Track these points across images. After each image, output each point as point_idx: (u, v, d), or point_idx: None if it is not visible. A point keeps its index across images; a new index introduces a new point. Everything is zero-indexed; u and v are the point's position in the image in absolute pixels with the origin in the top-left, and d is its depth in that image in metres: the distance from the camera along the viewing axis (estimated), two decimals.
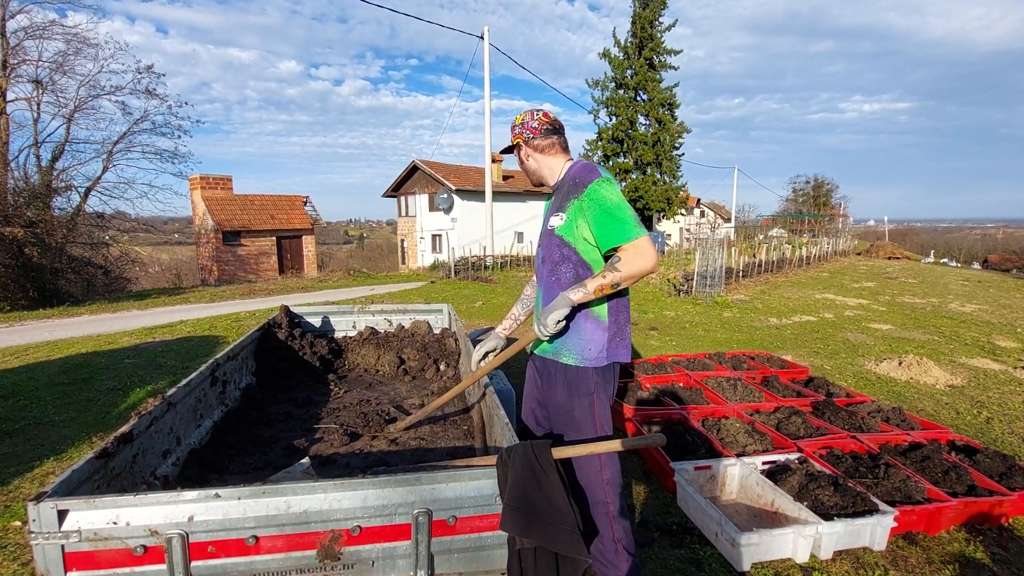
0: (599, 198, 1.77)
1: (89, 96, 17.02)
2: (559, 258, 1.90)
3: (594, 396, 1.91)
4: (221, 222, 22.01)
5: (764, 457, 3.07)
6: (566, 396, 1.93)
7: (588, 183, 1.80)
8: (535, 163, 2.01)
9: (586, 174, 1.84)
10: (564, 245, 1.88)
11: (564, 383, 1.93)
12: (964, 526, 2.72)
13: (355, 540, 1.52)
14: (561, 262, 1.89)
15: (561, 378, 1.93)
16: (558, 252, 1.90)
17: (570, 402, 1.92)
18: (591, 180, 1.81)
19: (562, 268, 1.89)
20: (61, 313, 10.37)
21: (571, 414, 1.94)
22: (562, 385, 1.93)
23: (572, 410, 1.93)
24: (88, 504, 1.37)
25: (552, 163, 2.00)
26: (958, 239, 47.15)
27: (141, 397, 4.67)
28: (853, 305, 10.82)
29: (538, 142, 1.97)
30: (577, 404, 1.91)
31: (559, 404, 1.96)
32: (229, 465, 2.39)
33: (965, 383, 5.31)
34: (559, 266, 1.90)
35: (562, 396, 1.94)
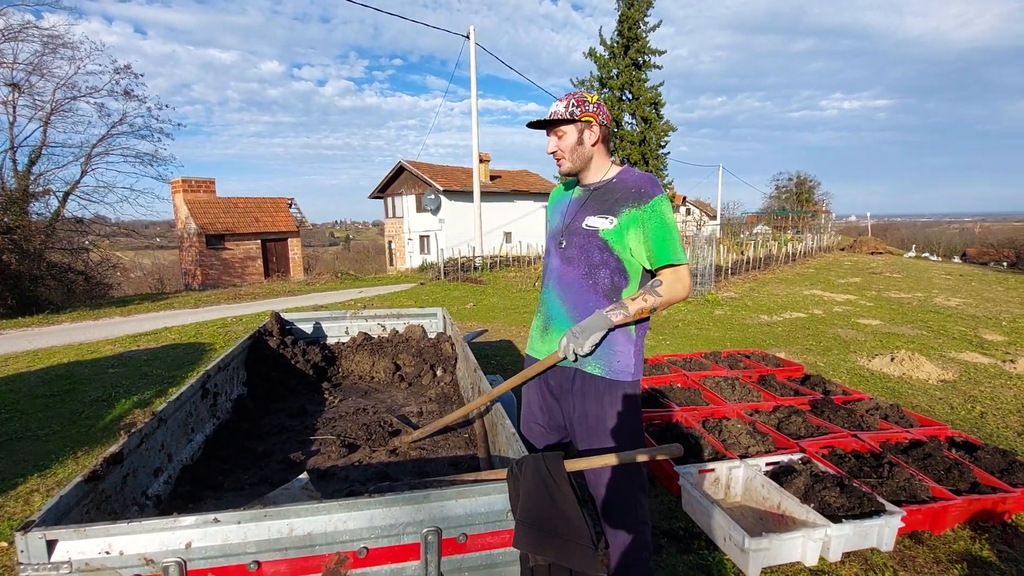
0: (661, 214, 1.74)
1: (66, 98, 16.60)
2: (599, 261, 1.81)
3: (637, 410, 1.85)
4: (204, 225, 21.63)
5: (767, 458, 3.05)
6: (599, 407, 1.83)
7: (653, 196, 1.76)
8: (595, 151, 1.86)
9: (652, 186, 1.79)
10: (607, 249, 1.79)
11: (595, 395, 1.83)
12: (968, 524, 2.73)
13: (362, 562, 1.45)
14: (601, 266, 1.81)
15: (593, 390, 1.83)
16: (598, 255, 1.81)
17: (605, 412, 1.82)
18: (656, 194, 1.76)
19: (601, 272, 1.81)
20: (41, 321, 10.09)
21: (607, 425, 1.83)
22: (594, 398, 1.83)
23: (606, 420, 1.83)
24: (79, 533, 1.29)
25: (603, 159, 1.89)
26: (937, 233, 48.06)
27: (127, 408, 4.53)
28: (841, 301, 10.94)
29: (604, 132, 1.86)
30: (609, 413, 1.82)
31: (588, 416, 1.84)
32: (224, 482, 2.31)
33: (956, 378, 5.37)
34: (598, 269, 1.81)
35: (593, 407, 1.83)
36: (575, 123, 1.81)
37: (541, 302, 2.01)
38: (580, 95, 1.82)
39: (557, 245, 1.91)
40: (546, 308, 1.96)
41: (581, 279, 1.83)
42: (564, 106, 1.80)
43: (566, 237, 1.88)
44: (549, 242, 1.99)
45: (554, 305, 1.92)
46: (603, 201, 1.83)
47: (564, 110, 1.79)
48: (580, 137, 1.82)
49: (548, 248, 1.99)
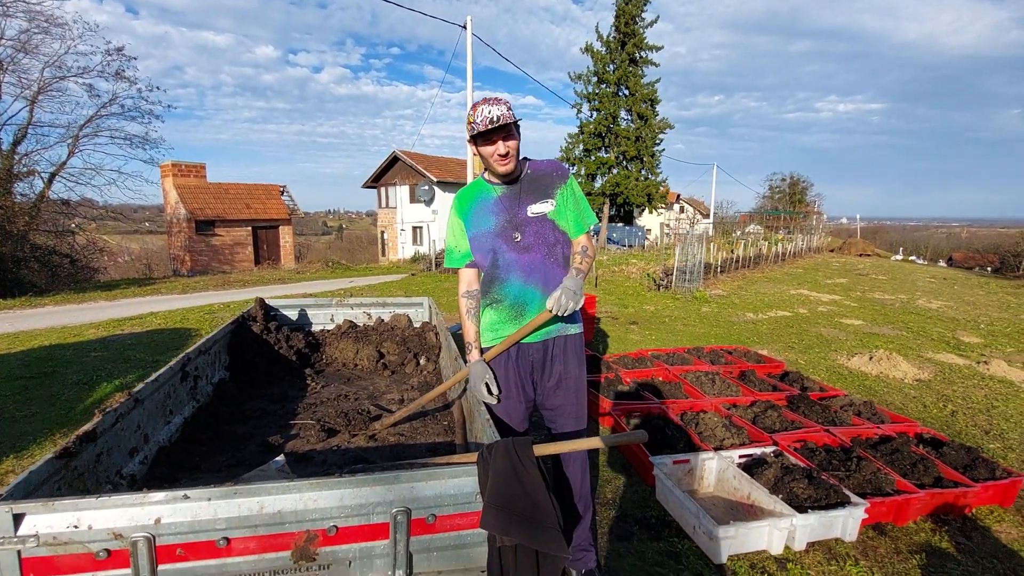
0: (577, 189, 2.07)
1: (54, 78, 16.34)
2: (553, 240, 2.03)
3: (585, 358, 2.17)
4: (194, 211, 21.41)
5: (741, 451, 3.11)
6: (577, 366, 2.10)
7: (568, 175, 2.08)
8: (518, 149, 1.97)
9: (563, 168, 2.09)
10: (556, 228, 2.03)
11: (574, 353, 2.10)
12: (931, 516, 2.81)
13: (331, 540, 1.48)
14: (556, 243, 2.04)
15: (572, 350, 2.09)
16: (552, 235, 2.03)
17: (579, 371, 2.11)
18: (569, 173, 2.09)
19: (557, 249, 2.04)
20: (23, 304, 9.97)
21: (578, 384, 2.11)
22: (573, 356, 2.10)
23: (578, 379, 2.11)
24: (46, 507, 1.30)
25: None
26: (925, 237, 48.68)
27: (108, 392, 4.51)
28: (826, 301, 11.09)
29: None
30: (580, 371, 2.12)
31: (570, 379, 2.09)
32: (201, 463, 2.32)
33: (931, 377, 5.48)
34: (554, 247, 2.03)
35: (573, 368, 2.09)
36: (514, 124, 1.88)
37: (501, 297, 2.05)
38: (498, 98, 1.89)
39: (509, 240, 2.00)
40: (513, 298, 2.03)
41: (543, 259, 2.02)
42: (507, 109, 1.85)
43: (519, 230, 2.00)
44: (493, 241, 2.02)
45: (523, 292, 2.02)
46: (535, 189, 2.02)
47: (509, 114, 1.85)
48: (515, 137, 1.92)
49: (493, 247, 2.02)
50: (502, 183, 2.03)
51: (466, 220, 2.07)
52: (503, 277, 2.03)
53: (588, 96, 27.20)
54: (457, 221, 2.10)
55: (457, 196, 2.15)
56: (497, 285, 2.04)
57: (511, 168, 1.94)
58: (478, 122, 1.84)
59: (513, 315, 2.04)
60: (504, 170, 1.93)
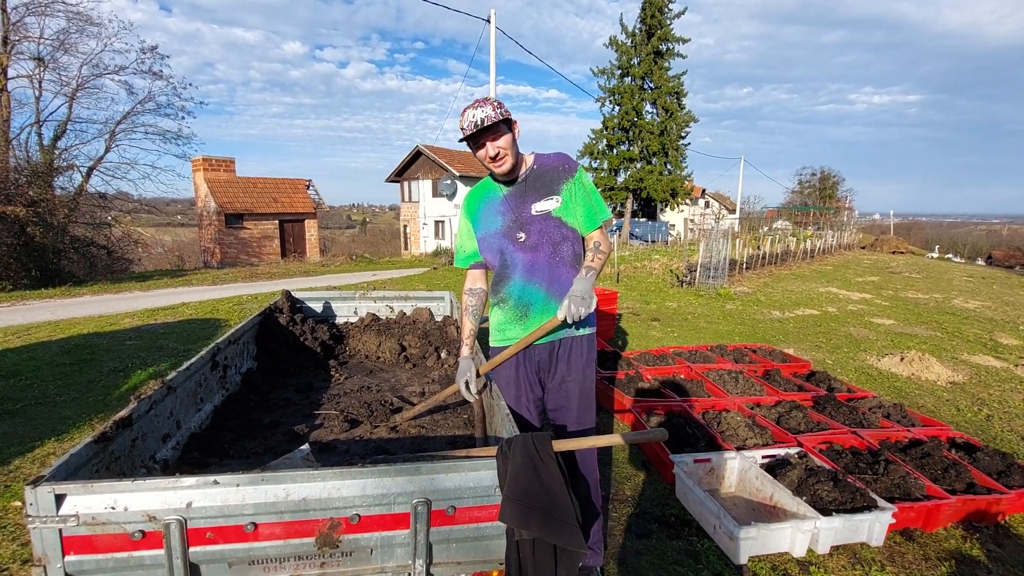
0: (587, 182, 1.98)
1: (92, 75, 16.89)
2: (559, 238, 1.97)
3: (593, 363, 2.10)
4: (224, 204, 21.94)
5: (764, 451, 3.07)
6: (586, 367, 2.06)
7: (576, 168, 1.97)
8: (514, 147, 1.93)
9: (570, 161, 1.99)
10: (563, 225, 1.97)
11: (583, 355, 2.05)
12: (961, 523, 2.73)
13: (354, 528, 1.51)
14: (562, 241, 1.97)
15: (581, 352, 2.04)
16: (558, 232, 1.96)
17: (586, 372, 2.06)
18: (577, 166, 1.98)
19: (563, 247, 1.98)
20: (63, 293, 10.39)
21: (585, 384, 2.07)
22: (582, 357, 2.04)
23: (585, 379, 2.06)
24: (86, 488, 1.36)
25: (519, 151, 1.97)
26: (963, 234, 46.85)
27: (142, 379, 4.68)
28: (856, 299, 10.79)
29: (518, 129, 1.95)
30: (588, 373, 2.07)
31: (577, 380, 2.05)
32: (229, 450, 2.39)
33: (967, 380, 5.30)
34: (560, 245, 1.97)
35: (581, 370, 2.04)
36: (506, 122, 1.87)
37: (506, 296, 2.05)
38: (491, 99, 1.87)
39: (514, 240, 1.99)
40: (516, 298, 2.03)
41: (548, 259, 1.97)
42: (492, 109, 1.82)
43: (523, 229, 1.97)
44: (500, 241, 2.02)
45: (528, 292, 2.01)
46: (540, 186, 1.97)
47: (495, 113, 1.82)
48: (512, 135, 1.91)
49: (500, 247, 2.03)
50: (503, 181, 2.00)
51: (474, 221, 2.08)
52: (509, 276, 2.03)
53: (612, 90, 26.90)
54: (466, 223, 2.11)
55: (466, 197, 2.15)
56: (504, 284, 2.05)
57: (506, 168, 1.91)
58: (465, 127, 1.83)
59: (518, 315, 2.04)
60: (500, 171, 1.92)
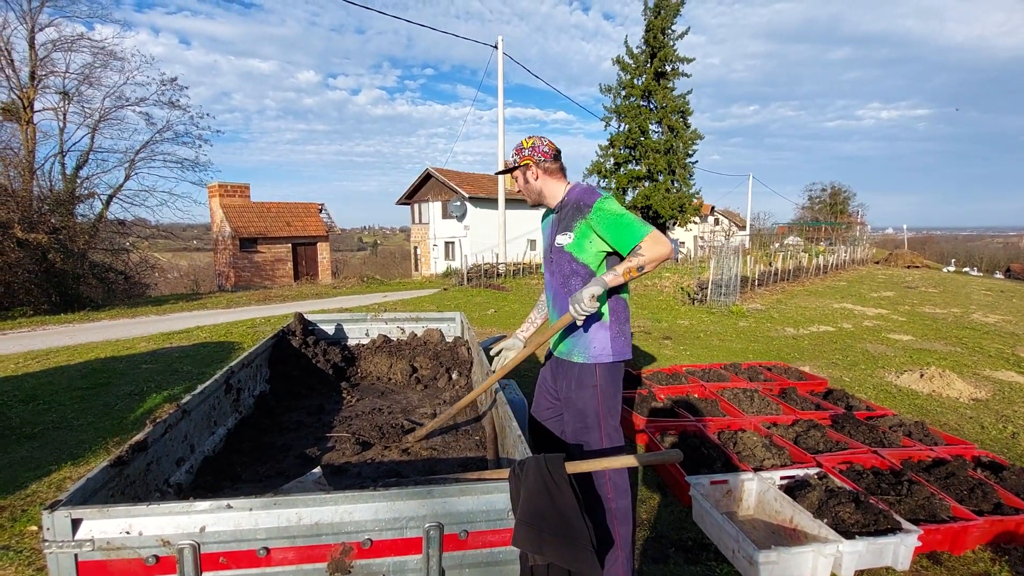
0: (606, 212, 1.99)
1: (114, 107, 17.48)
2: (569, 272, 2.13)
3: (597, 388, 2.12)
4: (238, 229, 22.34)
5: (782, 472, 3.00)
6: (575, 390, 2.16)
7: (592, 203, 2.03)
8: (542, 184, 2.19)
9: (588, 196, 2.08)
10: (573, 260, 2.10)
11: (574, 379, 2.16)
12: (990, 545, 2.63)
13: (366, 553, 1.50)
14: (571, 275, 2.12)
15: (572, 375, 2.16)
16: (568, 267, 2.12)
17: (577, 394, 2.15)
18: (594, 200, 2.04)
19: (572, 281, 2.12)
20: (82, 318, 10.58)
21: (576, 405, 2.16)
22: (573, 381, 2.16)
23: (577, 401, 2.15)
24: (102, 513, 1.37)
25: (556, 186, 2.20)
26: (979, 247, 46.15)
27: (157, 402, 4.72)
28: (872, 315, 10.62)
29: (548, 165, 2.16)
30: (580, 395, 2.14)
31: (569, 399, 2.19)
32: (242, 473, 2.40)
33: (990, 396, 5.16)
34: (569, 279, 2.13)
35: (572, 391, 2.17)
36: (517, 169, 2.19)
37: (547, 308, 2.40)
38: (519, 144, 2.19)
39: (547, 262, 2.27)
40: (548, 310, 2.36)
41: (559, 287, 2.18)
42: (513, 154, 2.19)
43: (551, 255, 2.23)
44: (543, 260, 2.33)
45: (550, 308, 2.32)
46: (563, 220, 2.15)
47: (511, 159, 2.20)
48: (525, 177, 2.19)
49: (544, 265, 2.35)
50: (555, 209, 2.25)
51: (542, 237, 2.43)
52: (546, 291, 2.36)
53: (618, 109, 27.18)
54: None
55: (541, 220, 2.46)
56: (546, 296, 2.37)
57: (531, 201, 2.27)
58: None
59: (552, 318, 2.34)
60: (530, 202, 2.29)
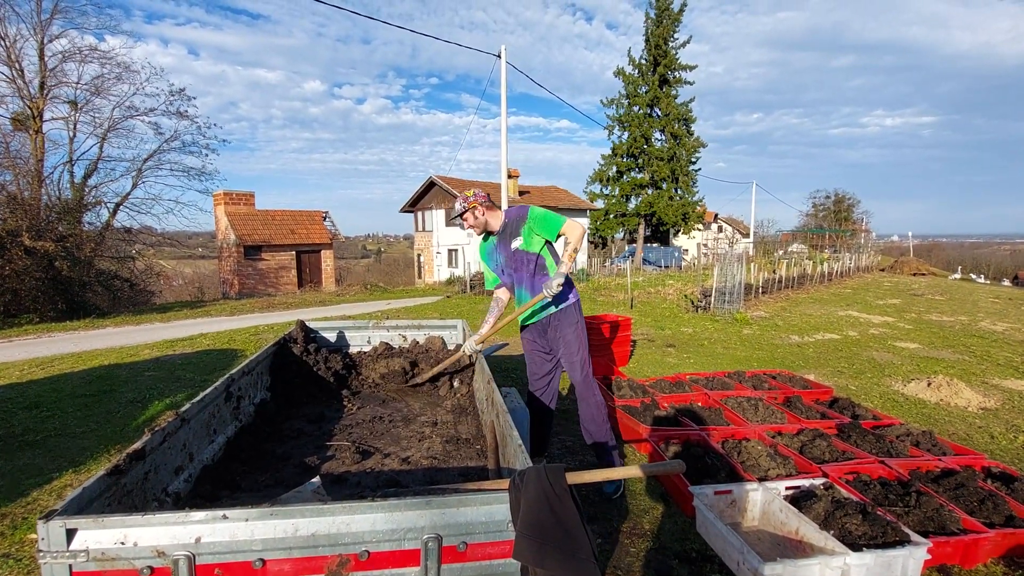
0: (537, 215, 3.05)
1: (123, 117, 17.65)
2: (527, 260, 3.11)
3: (578, 324, 3.17)
4: (243, 237, 22.46)
5: (787, 482, 2.95)
6: (566, 327, 3.14)
7: (525, 212, 3.09)
8: (487, 216, 3.15)
9: (522, 209, 3.11)
10: (527, 254, 3.10)
11: (564, 320, 3.14)
12: (1003, 559, 2.58)
13: (363, 565, 1.48)
14: (529, 262, 3.11)
15: (561, 319, 3.15)
16: (525, 258, 3.11)
17: (569, 329, 3.14)
18: (526, 210, 3.09)
19: (531, 265, 3.11)
20: (87, 325, 10.63)
21: (567, 338, 3.14)
22: (563, 321, 3.14)
23: (568, 335, 3.13)
24: (97, 523, 1.36)
25: (495, 215, 3.20)
26: (986, 255, 45.83)
27: (159, 410, 4.71)
28: (878, 323, 10.54)
29: (487, 204, 3.17)
30: (570, 330, 3.14)
31: (564, 336, 3.15)
32: (241, 482, 2.38)
33: (999, 405, 5.09)
34: (529, 265, 3.11)
35: (564, 329, 3.14)
36: (467, 211, 3.13)
37: (516, 300, 3.26)
38: (463, 194, 3.13)
39: (507, 267, 3.20)
40: (519, 300, 3.23)
41: (528, 275, 3.14)
42: (459, 204, 3.12)
43: (511, 261, 3.16)
44: (502, 270, 3.26)
45: (521, 295, 3.21)
46: (511, 233, 3.16)
47: (460, 207, 3.12)
48: (475, 215, 3.14)
49: (507, 272, 3.22)
50: (493, 235, 3.25)
51: (487, 261, 3.35)
52: (515, 288, 3.24)
53: (620, 118, 27.26)
54: (483, 262, 3.40)
55: (479, 248, 3.38)
56: (515, 292, 3.27)
57: (478, 232, 3.21)
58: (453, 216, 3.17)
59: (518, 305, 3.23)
60: (476, 233, 3.23)
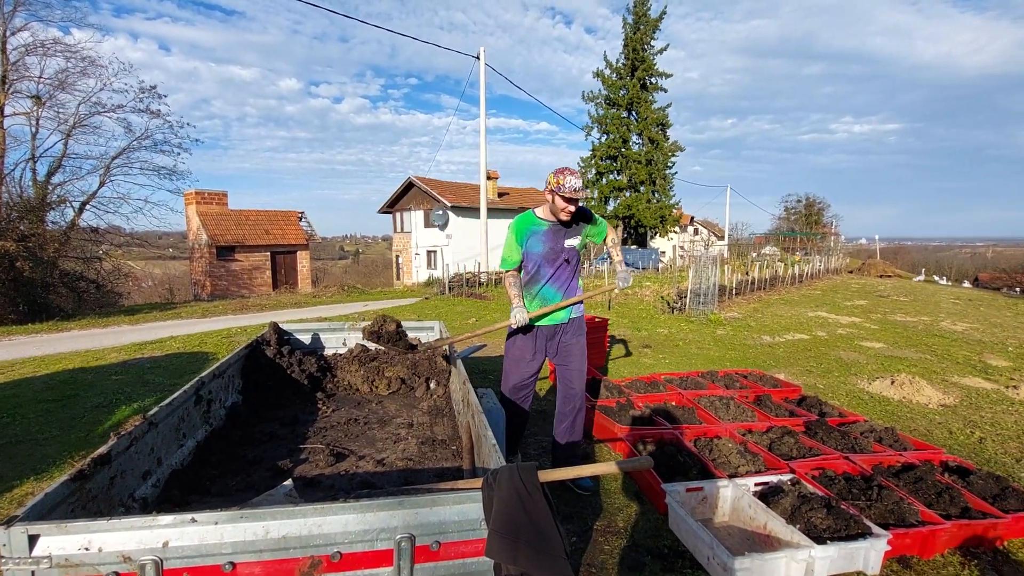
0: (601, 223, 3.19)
1: (89, 113, 17.09)
2: (575, 262, 3.15)
3: (584, 334, 3.26)
4: (215, 237, 21.96)
5: (756, 478, 3.03)
6: (577, 336, 3.18)
7: (592, 216, 3.13)
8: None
9: (588, 211, 3.11)
10: (578, 255, 3.13)
11: (576, 329, 3.19)
12: (959, 549, 2.69)
13: (335, 567, 1.48)
14: (575, 264, 3.15)
15: (574, 327, 3.18)
16: (574, 259, 3.14)
17: (579, 338, 3.18)
18: (592, 214, 3.13)
19: (575, 266, 3.15)
20: (50, 328, 10.26)
21: (579, 346, 3.17)
22: (577, 331, 3.19)
23: (578, 343, 3.17)
24: (60, 529, 1.33)
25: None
26: (948, 257, 47.59)
27: (126, 414, 4.59)
28: (845, 323, 10.86)
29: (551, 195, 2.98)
30: (580, 339, 3.19)
31: (576, 343, 3.17)
32: (211, 487, 2.34)
33: (958, 402, 5.31)
34: (574, 267, 3.15)
35: (574, 337, 3.17)
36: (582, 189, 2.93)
37: (535, 293, 3.11)
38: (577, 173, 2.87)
39: (547, 263, 3.05)
40: (542, 296, 3.10)
41: (568, 275, 3.13)
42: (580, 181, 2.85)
43: (554, 256, 3.04)
44: (540, 260, 3.05)
45: (550, 293, 3.10)
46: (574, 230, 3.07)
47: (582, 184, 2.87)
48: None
49: (538, 263, 3.06)
50: (551, 222, 3.01)
51: (522, 242, 3.04)
52: (540, 282, 3.09)
53: (599, 120, 27.55)
54: (515, 241, 3.05)
55: (517, 223, 3.05)
56: (536, 286, 3.11)
57: (566, 216, 2.93)
58: (565, 187, 2.80)
59: (539, 304, 3.10)
60: (566, 219, 2.96)
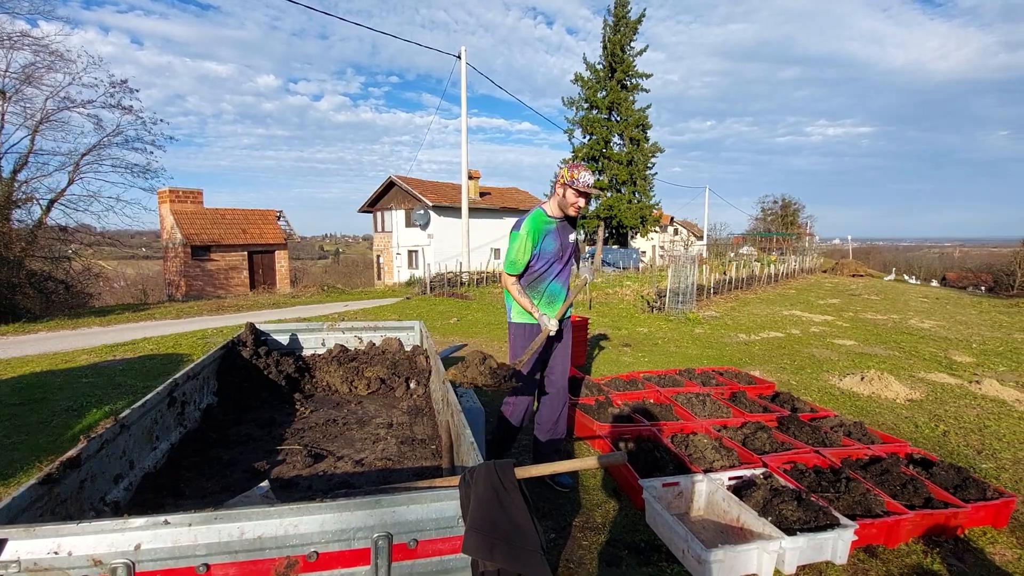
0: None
1: (57, 108, 16.54)
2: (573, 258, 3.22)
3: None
4: (190, 236, 21.48)
5: (730, 473, 3.11)
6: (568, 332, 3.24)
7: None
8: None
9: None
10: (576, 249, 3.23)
11: (569, 328, 3.26)
12: (922, 538, 2.80)
13: (312, 567, 1.47)
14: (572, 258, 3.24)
15: (567, 326, 3.23)
16: (573, 254, 3.20)
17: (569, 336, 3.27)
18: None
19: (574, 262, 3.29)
20: (16, 330, 9.93)
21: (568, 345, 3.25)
22: (568, 329, 3.24)
23: (569, 341, 3.25)
24: (28, 532, 1.31)
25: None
26: (918, 257, 49.07)
27: (97, 418, 4.47)
28: (819, 321, 11.14)
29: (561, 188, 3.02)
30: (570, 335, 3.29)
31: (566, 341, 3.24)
32: (185, 489, 2.31)
33: (924, 397, 5.49)
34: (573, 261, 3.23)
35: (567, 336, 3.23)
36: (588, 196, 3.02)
37: (542, 291, 3.08)
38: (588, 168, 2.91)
39: (560, 258, 3.08)
40: (550, 293, 3.09)
41: (569, 270, 3.17)
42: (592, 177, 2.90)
43: (565, 251, 3.09)
44: (552, 257, 3.03)
45: (556, 289, 3.12)
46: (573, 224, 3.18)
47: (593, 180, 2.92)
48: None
49: (550, 261, 3.04)
50: (558, 218, 3.03)
51: (537, 243, 2.96)
52: (549, 280, 3.08)
53: (580, 121, 27.73)
54: (529, 242, 2.94)
55: (532, 223, 2.95)
56: (543, 283, 3.08)
57: (575, 211, 2.96)
58: (579, 181, 2.83)
59: (548, 302, 3.10)
60: (574, 214, 3.01)
